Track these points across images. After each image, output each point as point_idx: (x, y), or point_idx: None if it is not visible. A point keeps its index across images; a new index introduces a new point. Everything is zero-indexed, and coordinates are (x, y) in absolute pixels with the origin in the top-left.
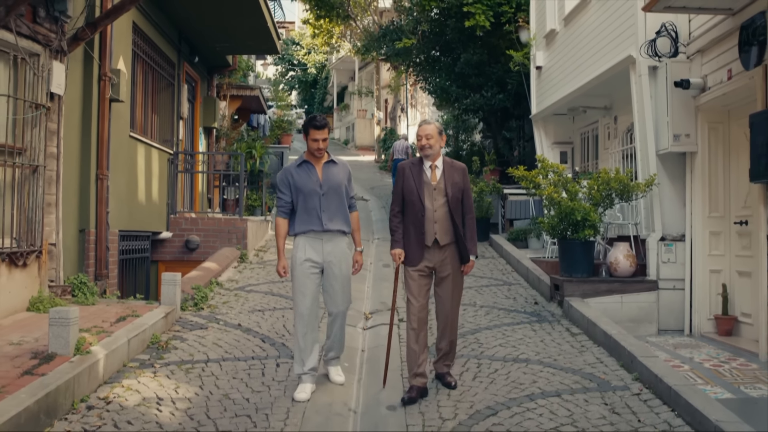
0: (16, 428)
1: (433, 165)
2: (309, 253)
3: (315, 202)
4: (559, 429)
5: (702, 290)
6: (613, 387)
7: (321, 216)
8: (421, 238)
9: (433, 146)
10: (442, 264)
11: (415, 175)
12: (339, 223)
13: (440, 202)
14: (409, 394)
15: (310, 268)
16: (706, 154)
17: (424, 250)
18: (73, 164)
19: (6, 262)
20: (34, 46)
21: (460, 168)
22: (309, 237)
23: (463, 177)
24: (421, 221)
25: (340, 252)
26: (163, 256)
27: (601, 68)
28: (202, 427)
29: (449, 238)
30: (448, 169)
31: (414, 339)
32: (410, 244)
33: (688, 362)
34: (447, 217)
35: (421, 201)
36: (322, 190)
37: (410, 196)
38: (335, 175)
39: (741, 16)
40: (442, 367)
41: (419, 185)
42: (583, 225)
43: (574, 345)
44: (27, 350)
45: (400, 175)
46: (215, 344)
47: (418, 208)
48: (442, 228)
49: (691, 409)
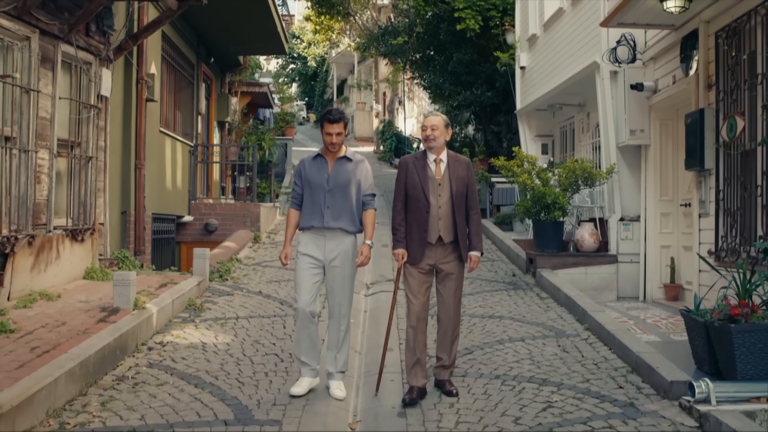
0: (101, 358)
1: (438, 159)
2: (311, 249)
3: (320, 197)
4: (519, 361)
5: (654, 263)
6: (567, 334)
7: (324, 212)
8: (425, 235)
9: (438, 138)
10: (445, 261)
11: (419, 169)
12: (343, 222)
13: (445, 197)
14: (410, 395)
15: (310, 263)
16: (658, 147)
17: (426, 247)
18: (116, 155)
19: (69, 238)
20: (87, 56)
21: (465, 162)
22: (312, 233)
23: (467, 171)
24: (425, 218)
25: (342, 251)
26: (185, 238)
27: (573, 71)
28: (241, 361)
29: (453, 235)
30: (453, 163)
31: (413, 338)
32: (412, 241)
33: (635, 319)
34: (450, 213)
35: (425, 197)
36: (329, 186)
37: (414, 192)
38: (346, 173)
39: (682, 30)
40: (443, 373)
41: (423, 180)
42: (553, 207)
43: (541, 306)
44: (95, 306)
45: (403, 170)
46: (242, 306)
47: (423, 204)
48: (446, 225)
49: (621, 346)
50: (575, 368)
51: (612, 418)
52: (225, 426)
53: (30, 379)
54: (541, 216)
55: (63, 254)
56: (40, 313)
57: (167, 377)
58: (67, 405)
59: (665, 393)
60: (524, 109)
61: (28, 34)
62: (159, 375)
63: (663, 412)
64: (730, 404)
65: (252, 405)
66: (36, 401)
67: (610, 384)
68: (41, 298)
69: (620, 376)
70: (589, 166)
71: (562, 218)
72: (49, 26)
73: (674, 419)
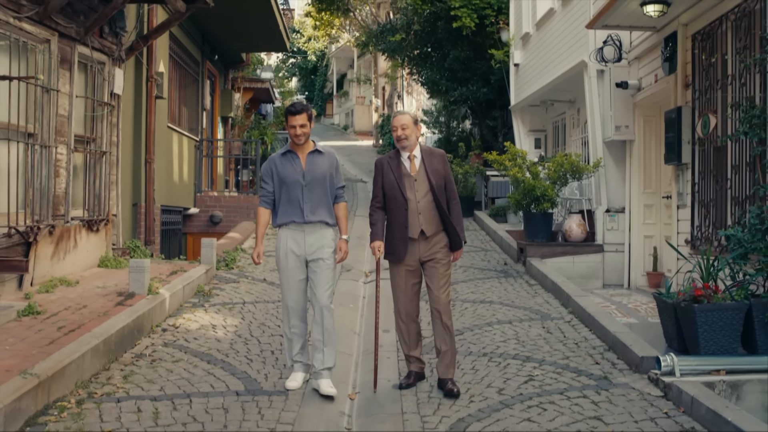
0: (121, 337)
1: (411, 155)
2: (291, 244)
3: (297, 193)
4: (505, 341)
5: (637, 252)
6: (552, 317)
7: (303, 207)
8: (406, 232)
9: (410, 137)
10: (430, 253)
11: (394, 168)
12: (321, 215)
13: (422, 192)
14: (406, 380)
15: (294, 261)
16: (642, 142)
17: (409, 243)
18: (127, 150)
19: (85, 228)
20: (101, 57)
21: (439, 154)
22: (291, 229)
23: (443, 163)
24: (404, 215)
25: (322, 244)
26: (191, 229)
27: (563, 69)
28: (249, 341)
29: (435, 227)
30: (428, 158)
31: (405, 332)
32: (394, 239)
33: (617, 304)
34: (432, 207)
35: (402, 194)
36: (305, 181)
37: (391, 191)
38: (320, 166)
39: (663, 32)
40: (445, 371)
41: (399, 178)
42: (542, 199)
43: (529, 292)
44: (112, 291)
45: (379, 171)
46: (247, 292)
47: (401, 202)
48: (427, 218)
49: (600, 327)
50: (557, 347)
51: (587, 389)
52: (237, 396)
53: (60, 354)
54: (531, 208)
55: (80, 243)
56: (62, 297)
57: (181, 355)
58: (93, 378)
59: (636, 368)
60: (518, 105)
61: (48, 37)
62: (174, 353)
63: (633, 384)
64: (693, 376)
65: (260, 378)
66: (67, 373)
67: (588, 361)
68: (61, 283)
69: (598, 353)
70: (577, 161)
71: (551, 210)
72: (67, 29)
73: (642, 390)
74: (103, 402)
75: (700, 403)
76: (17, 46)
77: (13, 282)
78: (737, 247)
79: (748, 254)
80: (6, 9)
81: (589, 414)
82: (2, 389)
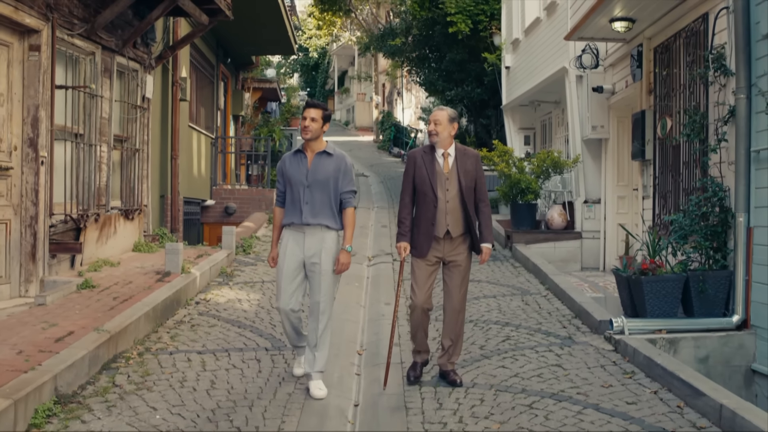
0: (165, 306)
1: (446, 153)
2: (291, 245)
3: (299, 193)
4: (489, 311)
5: (611, 238)
6: (531, 293)
7: (303, 208)
8: (432, 229)
9: (441, 133)
10: (453, 254)
11: (427, 164)
12: (323, 218)
13: (453, 192)
14: (413, 372)
15: (289, 261)
16: (615, 140)
17: (434, 241)
18: (156, 148)
19: (122, 216)
20: (135, 65)
21: (473, 155)
22: (292, 229)
23: (476, 165)
24: (433, 212)
25: (321, 247)
26: (208, 219)
27: (547, 73)
28: (271, 311)
29: (461, 229)
30: (461, 157)
31: (417, 327)
32: (420, 234)
33: (590, 283)
34: (459, 207)
35: (433, 191)
36: (308, 182)
37: (422, 186)
38: (325, 168)
39: (633, 43)
40: (447, 363)
41: (431, 175)
42: (527, 192)
43: (513, 272)
44: (149, 271)
45: (411, 164)
46: (265, 273)
47: (431, 199)
48: (454, 219)
49: (570, 299)
50: (532, 315)
51: (553, 345)
52: (266, 351)
53: (122, 316)
54: (517, 199)
55: (119, 230)
56: (109, 275)
57: (215, 321)
58: (146, 338)
59: (596, 330)
60: (509, 105)
61: (93, 50)
62: (208, 320)
63: (591, 342)
64: (639, 334)
65: (284, 339)
66: (128, 331)
67: (557, 325)
68: (105, 264)
69: (566, 320)
70: (557, 157)
71: (535, 201)
72: (108, 42)
73: (598, 346)
74: (159, 354)
75: (639, 352)
76: (70, 58)
77: (66, 262)
78: (679, 230)
79: (688, 236)
80: (62, 28)
81: (552, 362)
82: (85, 339)
